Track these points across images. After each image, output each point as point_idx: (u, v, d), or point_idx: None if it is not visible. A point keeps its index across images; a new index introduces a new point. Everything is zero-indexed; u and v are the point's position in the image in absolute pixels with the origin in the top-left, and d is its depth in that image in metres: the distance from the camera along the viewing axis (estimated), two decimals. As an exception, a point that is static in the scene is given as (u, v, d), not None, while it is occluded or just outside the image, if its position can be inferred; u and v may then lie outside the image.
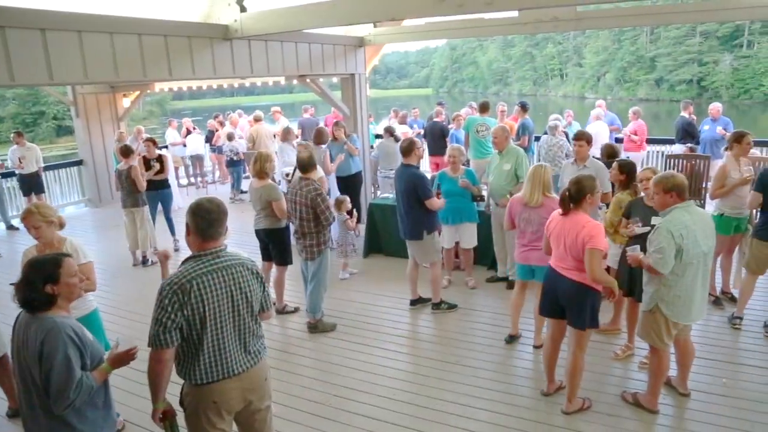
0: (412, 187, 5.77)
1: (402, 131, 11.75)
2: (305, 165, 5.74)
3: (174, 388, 2.94)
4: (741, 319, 5.55)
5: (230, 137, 12.01)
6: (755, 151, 9.48)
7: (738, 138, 5.78)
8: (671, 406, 4.39)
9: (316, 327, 5.96)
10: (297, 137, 11.77)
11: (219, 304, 2.82)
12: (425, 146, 10.90)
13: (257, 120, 12.13)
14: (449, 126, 10.97)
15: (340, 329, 5.96)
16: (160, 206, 8.79)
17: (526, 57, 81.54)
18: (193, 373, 2.85)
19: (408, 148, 5.91)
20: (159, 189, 8.62)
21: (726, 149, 6.13)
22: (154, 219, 8.54)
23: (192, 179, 14.05)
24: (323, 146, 8.19)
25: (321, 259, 5.79)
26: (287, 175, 6.93)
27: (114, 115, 12.53)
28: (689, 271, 3.85)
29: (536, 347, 5.31)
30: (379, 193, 10.09)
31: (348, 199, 7.35)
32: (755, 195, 5.30)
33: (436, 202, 5.86)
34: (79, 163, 12.43)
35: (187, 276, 2.76)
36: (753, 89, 50.73)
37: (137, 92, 12.92)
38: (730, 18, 11.36)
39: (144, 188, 8.02)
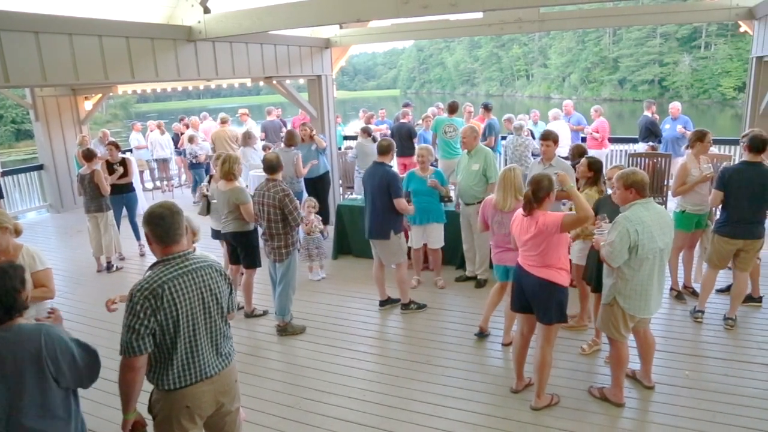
0: (385, 185, 5.76)
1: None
2: (272, 166, 5.67)
3: (142, 395, 2.88)
4: (703, 312, 5.69)
5: (191, 140, 11.85)
6: (713, 149, 9.77)
7: (700, 137, 5.93)
8: (636, 399, 4.48)
9: (285, 330, 5.91)
10: (260, 140, 11.70)
11: (191, 307, 2.79)
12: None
13: (223, 122, 11.99)
14: (417, 126, 11.02)
15: (310, 331, 5.93)
16: (125, 211, 8.62)
17: (493, 58, 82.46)
18: (165, 378, 2.80)
19: (387, 148, 5.94)
20: (123, 193, 8.46)
21: (687, 147, 6.29)
22: (118, 224, 8.38)
23: (158, 183, 13.82)
24: (294, 149, 8.13)
25: (289, 261, 5.75)
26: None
27: (75, 119, 12.24)
28: (645, 266, 3.94)
29: (505, 345, 5.37)
30: (354, 194, 10.08)
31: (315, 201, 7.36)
32: (716, 193, 5.42)
33: (404, 204, 5.85)
34: (40, 167, 12.10)
35: (158, 281, 2.71)
36: (711, 89, 52.32)
37: (99, 95, 12.64)
38: (688, 20, 11.70)
39: (108, 192, 7.86)
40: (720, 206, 5.52)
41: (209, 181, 6.82)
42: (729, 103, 48.02)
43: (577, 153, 6.46)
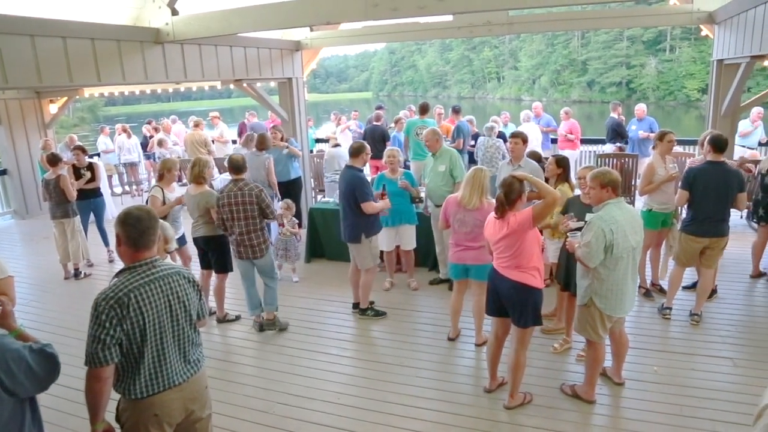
0: (351, 189, 5.76)
1: (344, 136, 11.83)
2: (240, 166, 5.70)
3: (110, 403, 2.82)
4: (670, 309, 5.82)
5: (161, 144, 11.68)
6: (678, 148, 10.03)
7: (660, 137, 6.12)
8: (607, 395, 4.55)
9: (273, 323, 5.98)
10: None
11: (159, 315, 2.74)
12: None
13: (196, 126, 11.85)
14: (389, 128, 11.04)
15: (284, 335, 5.89)
16: (92, 216, 8.46)
17: (464, 60, 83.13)
18: (132, 387, 2.75)
19: (358, 150, 5.90)
20: (91, 198, 8.30)
21: (653, 148, 6.44)
22: (86, 229, 8.21)
23: (127, 187, 13.58)
24: (265, 153, 8.07)
25: (268, 255, 5.86)
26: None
27: (40, 122, 11.97)
28: (620, 265, 4.00)
29: (478, 345, 5.40)
30: (326, 197, 10.03)
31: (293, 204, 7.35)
32: (682, 193, 5.54)
33: (373, 206, 5.81)
34: (3, 172, 11.80)
35: (124, 289, 2.66)
36: (676, 91, 53.63)
37: (65, 98, 12.37)
38: (652, 23, 11.98)
39: (74, 198, 7.69)
40: (686, 205, 5.64)
41: None
42: (694, 105, 49.21)
43: (533, 158, 6.57)
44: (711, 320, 5.72)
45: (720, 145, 5.40)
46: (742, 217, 9.18)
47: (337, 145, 9.66)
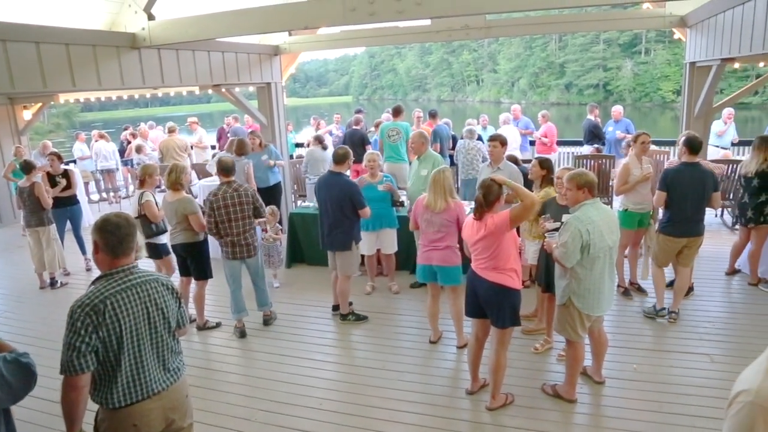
0: (347, 198, 5.72)
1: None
2: (229, 168, 5.77)
3: (87, 414, 2.78)
4: (665, 309, 5.80)
5: (139, 150, 11.55)
6: (654, 148, 10.19)
7: (635, 138, 6.22)
8: (588, 394, 4.59)
9: (271, 318, 6.22)
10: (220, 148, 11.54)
11: (136, 322, 2.71)
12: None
13: (171, 131, 11.74)
14: (369, 132, 11.04)
15: (265, 341, 5.86)
16: (69, 224, 8.33)
17: (444, 64, 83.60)
18: (110, 396, 2.70)
19: (344, 157, 5.88)
20: (67, 206, 8.17)
21: (627, 148, 6.53)
22: (62, 237, 8.08)
23: (104, 194, 13.40)
24: (244, 158, 8.02)
25: (259, 253, 6.04)
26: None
27: (14, 129, 11.76)
28: (597, 265, 4.05)
29: (460, 348, 5.42)
30: (307, 202, 9.99)
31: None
32: (660, 194, 5.60)
33: (368, 211, 5.88)
34: (-25, 180, 11.55)
35: (100, 296, 2.62)
36: (652, 93, 54.59)
37: (39, 104, 12.17)
38: (627, 27, 12.16)
39: (50, 206, 7.56)
40: (663, 206, 5.72)
41: None
42: (669, 106, 50.04)
43: (510, 162, 6.62)
44: (688, 318, 5.80)
45: (694, 146, 5.50)
46: (716, 216, 9.35)
47: (323, 147, 9.57)
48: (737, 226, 7.06)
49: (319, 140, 9.65)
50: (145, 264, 4.28)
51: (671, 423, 4.13)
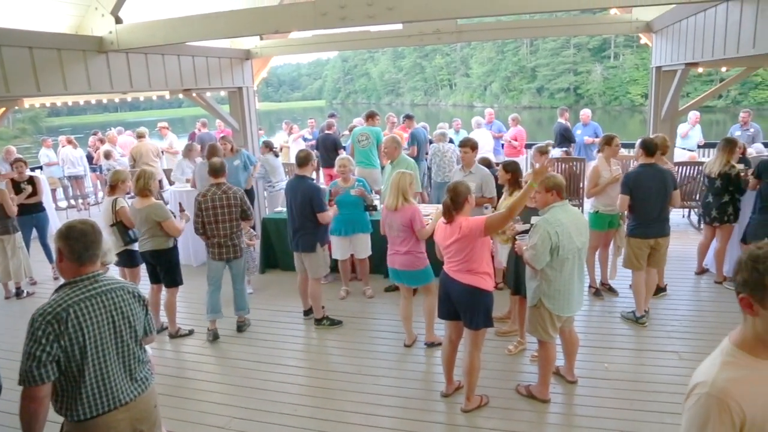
0: (308, 199, 5.75)
1: (296, 145, 11.74)
2: (219, 169, 5.84)
3: (52, 427, 2.71)
4: (644, 316, 5.78)
5: (107, 155, 11.35)
6: (624, 151, 10.38)
7: (608, 141, 6.32)
8: (561, 394, 4.65)
9: (244, 324, 6.19)
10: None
11: (100, 331, 2.65)
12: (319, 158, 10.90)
13: (140, 137, 11.56)
14: (342, 137, 11.02)
15: (239, 348, 5.80)
16: (35, 232, 8.13)
17: (417, 68, 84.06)
18: (74, 408, 2.64)
19: (305, 159, 5.91)
20: (33, 213, 7.97)
21: (599, 152, 6.64)
22: (28, 246, 7.88)
23: (72, 201, 13.12)
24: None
25: (244, 256, 6.09)
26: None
27: (-23, 135, 11.43)
28: (566, 266, 4.11)
29: (427, 345, 5.47)
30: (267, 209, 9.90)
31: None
32: (623, 198, 5.64)
33: (328, 216, 5.91)
34: (-63, 188, 11.19)
35: (63, 304, 2.56)
36: (621, 96, 55.68)
37: (3, 108, 11.82)
38: (596, 32, 12.39)
39: (14, 213, 7.35)
40: (628, 210, 5.75)
41: None
42: (638, 109, 51.07)
43: (483, 165, 6.69)
44: (657, 316, 5.91)
45: (650, 148, 5.62)
46: (684, 217, 9.56)
47: (275, 154, 9.46)
48: (702, 226, 7.22)
49: (269, 147, 9.50)
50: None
51: (641, 420, 4.20)
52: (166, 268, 5.92)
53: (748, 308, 1.73)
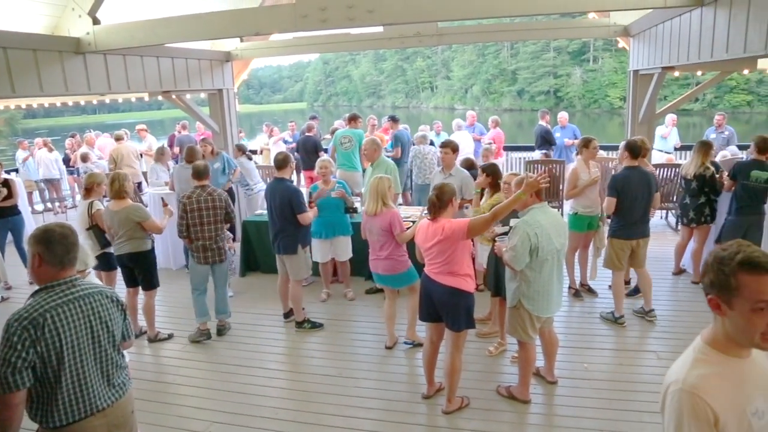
0: (287, 201, 5.74)
1: (277, 147, 11.68)
2: (202, 171, 5.87)
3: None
4: (623, 316, 5.85)
5: (84, 158, 11.19)
6: (603, 153, 10.52)
7: (586, 143, 6.39)
8: (541, 394, 4.69)
9: (225, 327, 6.16)
10: (174, 156, 11.30)
11: (78, 336, 2.61)
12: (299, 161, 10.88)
13: (119, 139, 11.43)
14: (323, 139, 11.01)
15: (219, 351, 5.75)
16: (10, 236, 7.98)
17: (398, 70, 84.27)
18: (50, 415, 2.60)
19: (283, 162, 5.91)
20: (8, 216, 7.82)
21: (577, 154, 6.71)
22: (3, 250, 7.74)
23: (49, 204, 12.92)
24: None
25: (227, 259, 6.08)
26: None
27: (-50, 137, 11.21)
28: (545, 267, 4.14)
29: (408, 343, 5.49)
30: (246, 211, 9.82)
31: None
32: (611, 200, 5.65)
33: (309, 217, 5.91)
34: None
35: (39, 309, 2.52)
36: (600, 99, 56.37)
37: (-22, 111, 11.65)
38: (575, 35, 12.55)
39: (-11, 217, 7.23)
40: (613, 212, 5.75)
41: None
42: (617, 112, 51.72)
43: (467, 166, 6.73)
44: (635, 317, 5.98)
45: (636, 150, 5.69)
46: (661, 218, 9.70)
47: (248, 157, 9.40)
48: (680, 227, 7.34)
49: (241, 150, 9.44)
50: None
51: (620, 419, 4.25)
52: (144, 271, 5.86)
53: (716, 309, 1.77)
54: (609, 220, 5.98)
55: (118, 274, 6.10)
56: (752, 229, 6.16)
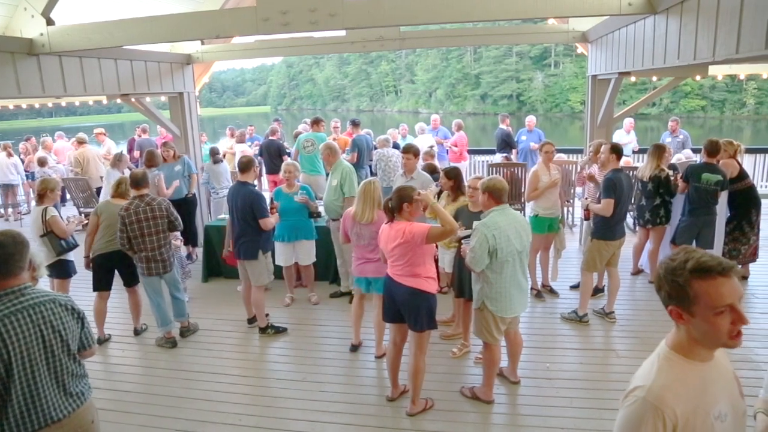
0: (249, 205, 5.68)
1: (241, 150, 11.52)
2: (140, 180, 5.69)
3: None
4: (587, 314, 5.99)
5: (42, 162, 10.85)
6: (564, 156, 10.75)
7: (540, 147, 6.57)
8: (505, 394, 4.75)
9: (188, 329, 6.10)
10: (135, 161, 11.05)
11: (27, 347, 2.53)
12: (262, 164, 10.79)
13: (81, 142, 11.13)
14: (287, 143, 10.94)
15: (181, 358, 5.65)
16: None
17: (362, 74, 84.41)
18: (1, 428, 2.52)
19: (247, 165, 5.84)
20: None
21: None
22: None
23: (2, 210, 12.47)
24: (155, 169, 7.73)
25: (175, 267, 5.96)
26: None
27: None
28: (506, 269, 4.20)
29: (378, 357, 5.43)
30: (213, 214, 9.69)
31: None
32: (609, 202, 5.60)
33: (270, 223, 5.84)
34: None
35: None
36: (561, 103, 57.56)
37: (-75, 114, 11.20)
38: (536, 41, 12.78)
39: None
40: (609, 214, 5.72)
41: None
42: (578, 116, 52.83)
43: (429, 170, 6.79)
44: (596, 317, 6.11)
45: (621, 151, 5.89)
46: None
47: (219, 160, 9.30)
48: (637, 228, 7.53)
49: (212, 153, 9.35)
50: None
51: (581, 417, 4.33)
52: (126, 268, 5.88)
53: (679, 319, 1.80)
54: (588, 222, 6.07)
55: (72, 282, 5.96)
56: (705, 230, 6.40)
